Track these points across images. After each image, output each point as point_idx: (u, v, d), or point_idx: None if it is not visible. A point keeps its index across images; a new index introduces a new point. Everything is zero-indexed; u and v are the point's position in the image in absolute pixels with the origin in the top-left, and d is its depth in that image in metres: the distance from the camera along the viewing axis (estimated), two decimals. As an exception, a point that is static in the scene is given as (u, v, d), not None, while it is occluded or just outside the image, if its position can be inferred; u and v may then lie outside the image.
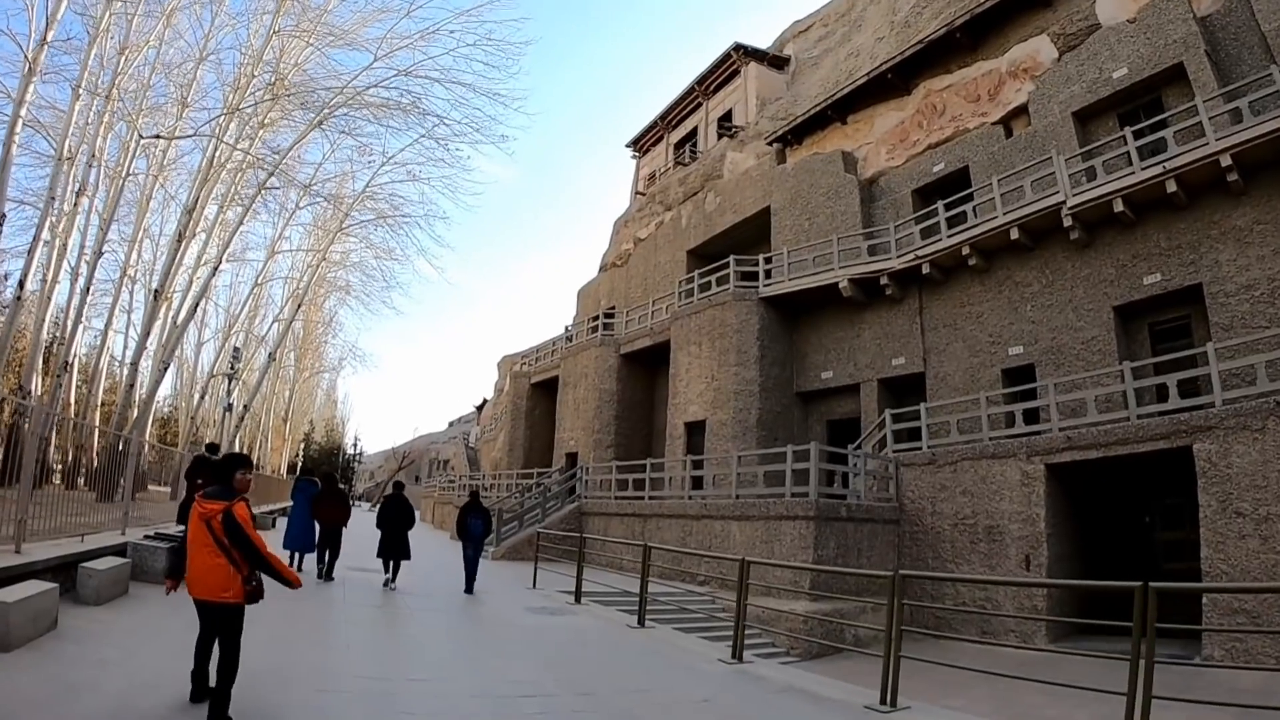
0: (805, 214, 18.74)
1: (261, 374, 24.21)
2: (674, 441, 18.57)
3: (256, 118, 16.95)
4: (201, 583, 3.92)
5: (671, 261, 23.59)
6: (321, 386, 57.15)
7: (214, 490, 4.08)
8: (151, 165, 18.92)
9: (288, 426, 43.76)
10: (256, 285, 26.00)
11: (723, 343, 17.41)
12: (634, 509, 16.59)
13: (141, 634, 6.11)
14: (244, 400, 24.52)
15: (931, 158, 17.15)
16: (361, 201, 20.85)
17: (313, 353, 40.64)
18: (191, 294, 18.84)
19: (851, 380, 16.99)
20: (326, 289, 30.45)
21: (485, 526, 12.14)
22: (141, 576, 7.99)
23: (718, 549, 14.02)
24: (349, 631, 7.53)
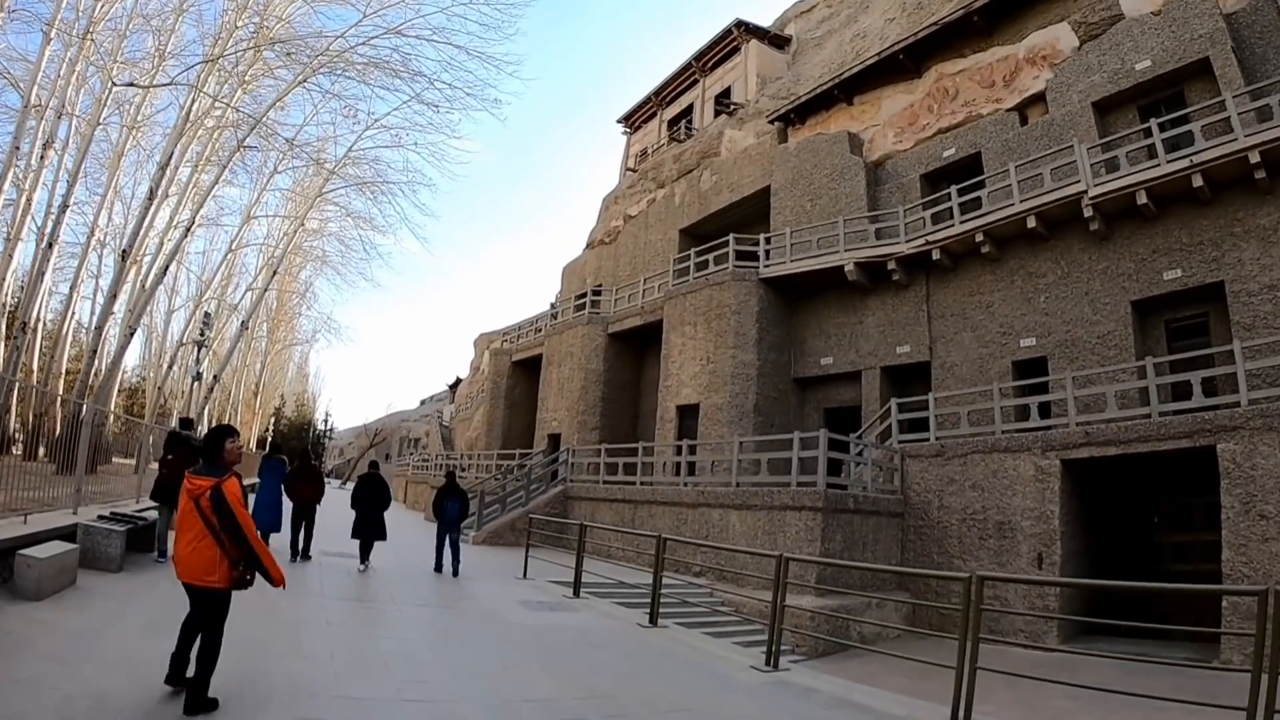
0: (808, 195, 17.89)
1: (233, 344, 22.36)
2: (665, 425, 17.62)
3: (238, 71, 15.30)
4: (186, 564, 3.68)
5: (663, 240, 22.54)
6: (294, 360, 55.47)
7: (203, 466, 3.77)
8: (125, 119, 17.06)
9: (258, 400, 42.09)
10: (231, 251, 24.08)
11: (720, 324, 16.49)
12: (624, 494, 15.62)
13: (88, 637, 4.92)
14: (214, 370, 22.74)
15: (942, 142, 16.45)
16: (344, 167, 19.30)
17: (286, 324, 38.70)
18: (162, 256, 17.05)
19: (853, 367, 16.27)
20: (303, 258, 28.65)
21: (462, 509, 11.65)
22: (93, 563, 6.84)
23: (715, 539, 13.18)
24: (329, 635, 6.34)
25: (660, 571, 8.34)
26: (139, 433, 12.43)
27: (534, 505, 17.11)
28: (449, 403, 57.54)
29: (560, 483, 17.82)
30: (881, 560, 13.20)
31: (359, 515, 10.59)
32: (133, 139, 17.94)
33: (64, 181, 16.80)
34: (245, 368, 36.99)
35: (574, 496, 17.33)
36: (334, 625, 6.76)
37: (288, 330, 39.85)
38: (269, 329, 37.03)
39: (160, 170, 14.86)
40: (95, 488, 9.70)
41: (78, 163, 15.72)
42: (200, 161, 17.29)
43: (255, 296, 21.96)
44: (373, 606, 7.94)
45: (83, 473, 7.75)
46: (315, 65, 16.01)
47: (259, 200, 22.41)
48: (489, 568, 12.66)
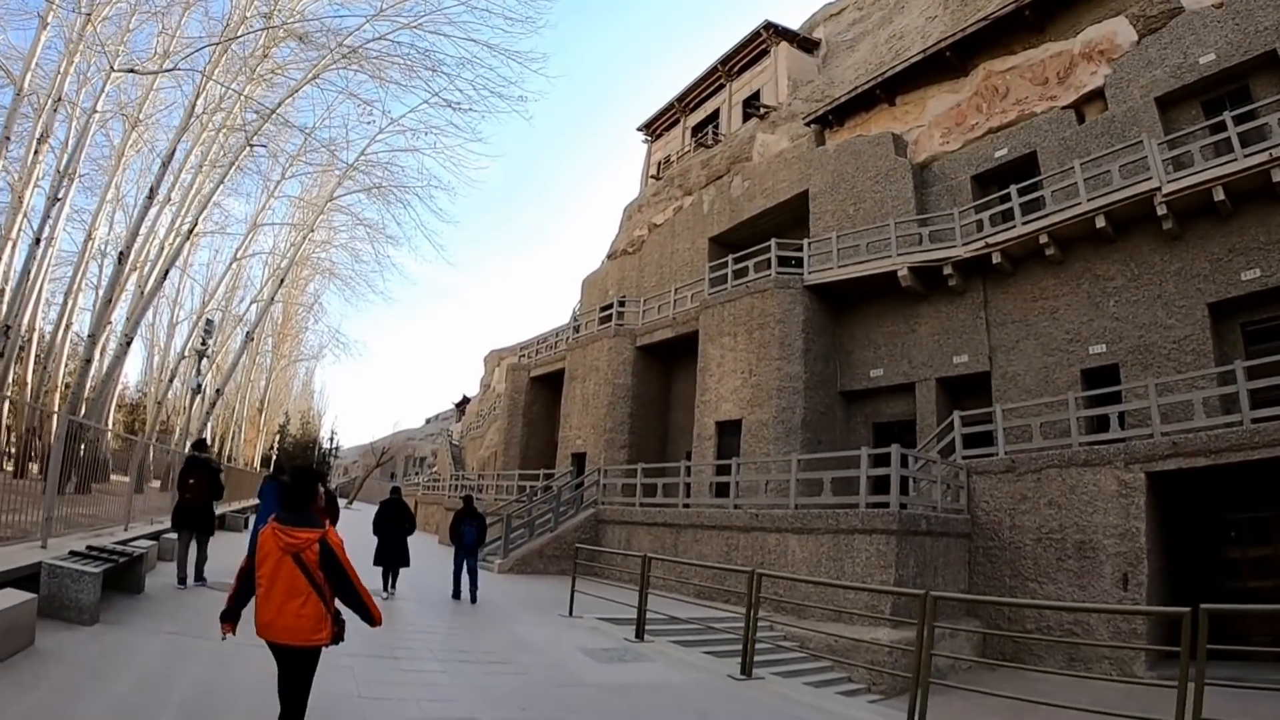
0: (850, 199, 17.25)
1: (237, 356, 21.39)
2: (703, 443, 16.80)
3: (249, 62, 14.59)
4: (290, 628, 3.26)
5: (692, 249, 21.85)
6: (299, 376, 54.57)
7: (292, 516, 3.38)
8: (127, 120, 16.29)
9: (263, 417, 41.19)
10: (235, 260, 23.23)
11: (763, 334, 15.74)
12: (665, 518, 14.75)
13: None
14: (216, 384, 21.79)
15: (993, 142, 15.87)
16: (356, 171, 18.54)
17: (292, 339, 37.73)
18: (163, 260, 16.19)
19: (905, 379, 15.53)
20: (311, 270, 27.84)
21: (480, 534, 11.45)
22: (59, 613, 5.53)
23: (771, 567, 12.32)
24: (363, 710, 4.95)
25: (755, 613, 7.41)
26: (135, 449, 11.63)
27: (563, 530, 16.27)
28: (456, 421, 57.39)
29: (590, 505, 16.94)
30: (950, 586, 12.38)
31: (381, 541, 10.38)
32: (134, 140, 17.16)
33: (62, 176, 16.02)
34: (250, 383, 36.05)
35: (606, 520, 16.45)
36: (364, 682, 5.49)
37: (294, 345, 39.01)
38: (274, 343, 36.09)
39: (163, 168, 14.05)
40: (84, 509, 8.93)
41: (74, 152, 14.82)
42: (205, 162, 16.46)
43: (261, 307, 21.08)
44: (408, 663, 6.51)
45: (54, 496, 6.63)
46: (329, 61, 15.27)
47: (266, 208, 21.70)
48: (526, 602, 11.72)
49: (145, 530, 9.98)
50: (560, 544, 16.13)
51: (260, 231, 23.17)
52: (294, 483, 3.49)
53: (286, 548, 3.23)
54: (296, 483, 3.48)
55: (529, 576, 15.27)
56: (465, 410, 56.90)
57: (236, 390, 35.09)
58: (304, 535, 3.26)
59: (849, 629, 10.75)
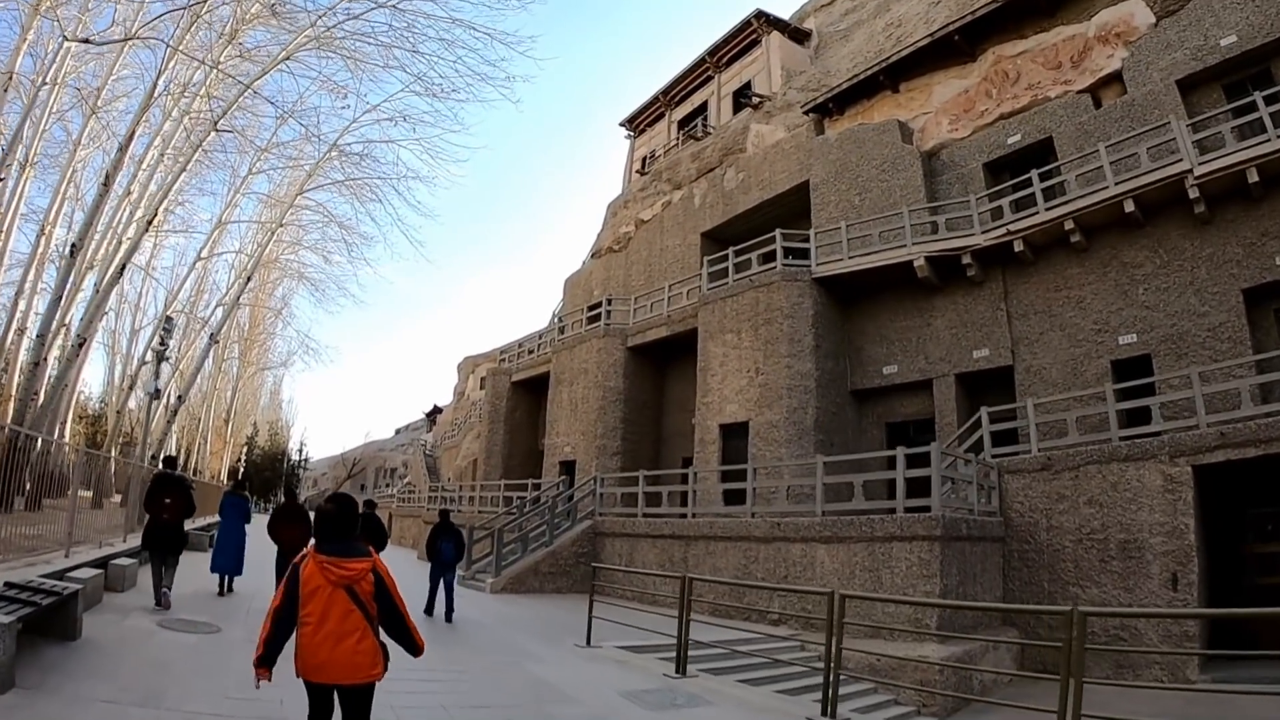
0: (854, 188, 16.57)
1: (200, 359, 19.56)
2: (706, 448, 15.79)
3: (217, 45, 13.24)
4: (349, 665, 2.99)
5: (683, 245, 20.94)
6: (267, 385, 52.63)
7: (338, 546, 3.09)
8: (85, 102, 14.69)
9: (229, 428, 39.40)
10: (200, 259, 21.49)
11: (769, 330, 14.86)
12: (672, 529, 13.67)
13: None
14: (179, 390, 19.98)
15: (1005, 128, 15.37)
16: (329, 161, 17.23)
17: (259, 346, 35.85)
18: (121, 253, 14.57)
19: (922, 376, 14.80)
20: (279, 273, 26.17)
21: (458, 550, 11.05)
22: None
23: (797, 579, 11.37)
24: None
25: (839, 645, 6.37)
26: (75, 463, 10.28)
27: (559, 545, 15.08)
28: (426, 431, 55.98)
29: (587, 517, 15.77)
30: (987, 594, 11.59)
31: None
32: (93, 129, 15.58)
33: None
34: (215, 393, 34.25)
35: (606, 533, 15.30)
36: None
37: (261, 352, 37.13)
38: (241, 350, 34.20)
39: (120, 152, 12.59)
40: (29, 529, 7.83)
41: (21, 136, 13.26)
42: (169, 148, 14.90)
43: (226, 309, 19.41)
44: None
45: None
46: (302, 41, 14.05)
47: (233, 204, 20.13)
48: (532, 627, 10.50)
49: (92, 555, 8.69)
50: (556, 560, 14.96)
51: (227, 232, 21.72)
52: (338, 512, 3.23)
53: (339, 580, 3.02)
54: (341, 511, 3.24)
55: (525, 596, 14.03)
56: (436, 420, 56.10)
57: (202, 400, 33.63)
58: (357, 566, 3.07)
59: (891, 646, 9.88)
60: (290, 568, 3.10)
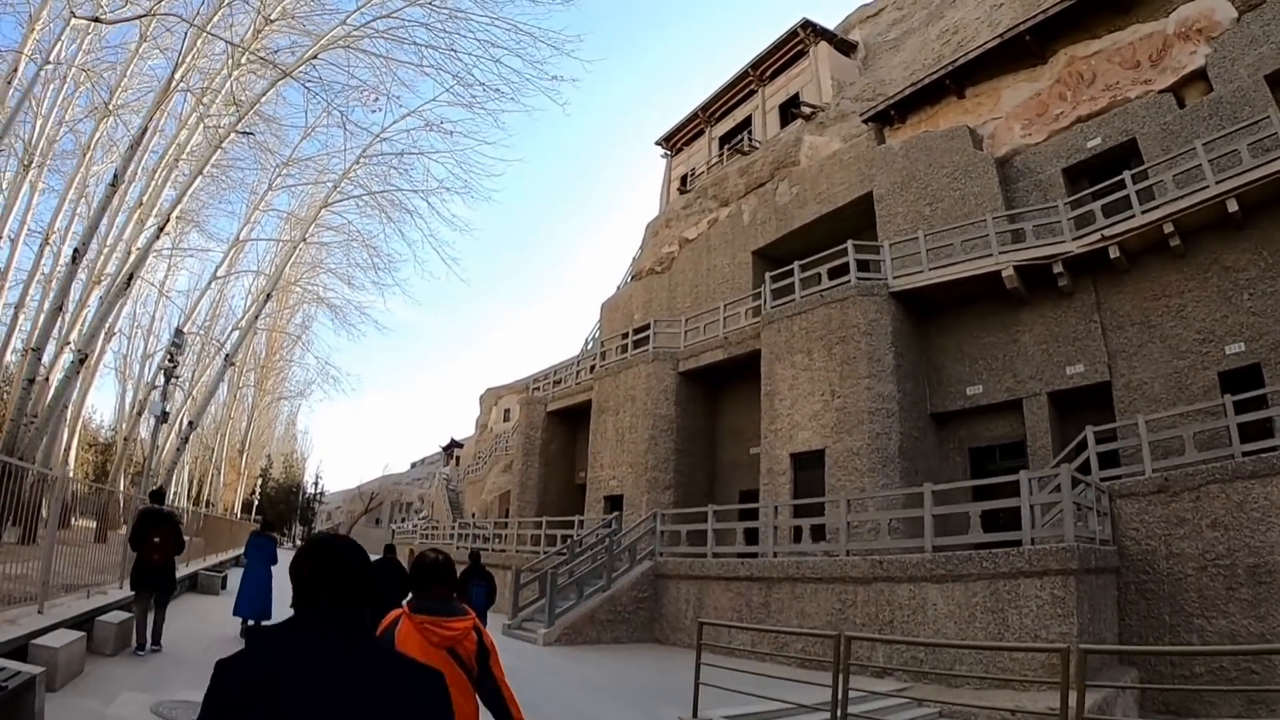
0: (924, 198, 16.24)
1: (214, 384, 19.03)
2: (775, 479, 15.21)
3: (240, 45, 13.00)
4: None
5: (732, 264, 20.59)
6: (281, 417, 52.62)
7: (433, 604, 2.84)
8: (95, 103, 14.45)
9: (244, 459, 38.96)
10: (216, 278, 21.15)
11: (846, 349, 14.39)
12: (749, 570, 12.94)
13: None
14: (189, 415, 19.43)
15: (1083, 132, 15.07)
16: (356, 170, 16.97)
17: (276, 374, 35.47)
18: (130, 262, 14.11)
19: (1010, 395, 14.27)
20: (298, 299, 25.87)
21: (489, 595, 10.81)
22: None
23: (903, 623, 10.72)
24: None
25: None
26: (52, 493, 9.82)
27: (618, 589, 14.36)
28: (443, 465, 55.99)
29: (648, 557, 15.12)
30: (1107, 631, 10.94)
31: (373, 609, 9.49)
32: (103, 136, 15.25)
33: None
34: (230, 421, 33.71)
35: (668, 575, 14.59)
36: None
37: (278, 381, 36.78)
38: (257, 378, 33.84)
39: (133, 149, 12.14)
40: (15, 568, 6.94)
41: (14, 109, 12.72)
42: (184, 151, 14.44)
43: (243, 330, 18.94)
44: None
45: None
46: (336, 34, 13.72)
47: (252, 220, 19.87)
48: (611, 691, 9.59)
49: (75, 608, 7.53)
50: (615, 606, 14.21)
51: (245, 252, 21.45)
52: (437, 564, 3.01)
53: (441, 642, 2.81)
54: (441, 565, 3.02)
55: (582, 648, 13.32)
56: (454, 454, 56.18)
57: (216, 430, 33.38)
58: (460, 626, 2.90)
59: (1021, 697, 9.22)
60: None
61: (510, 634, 13.95)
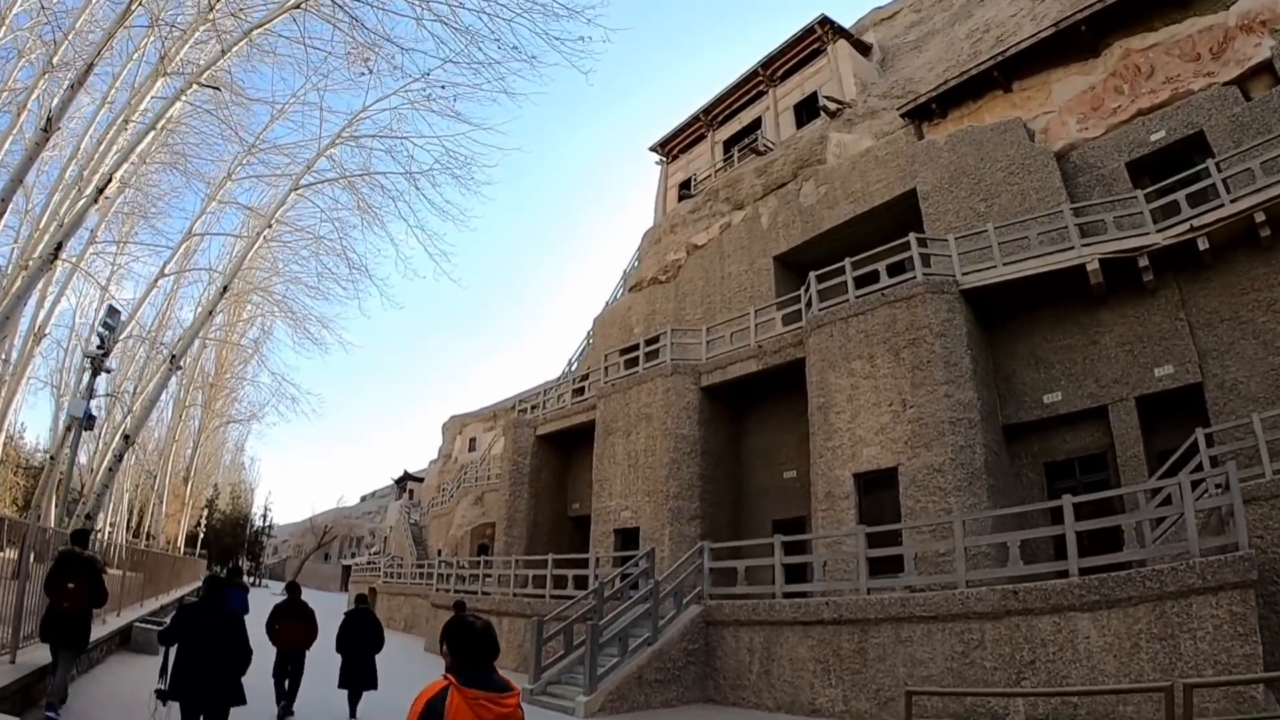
0: (976, 194, 15.66)
1: (157, 391, 16.16)
2: (835, 504, 13.87)
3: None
4: None
5: (749, 271, 19.52)
6: (230, 444, 50.47)
7: (484, 677, 2.76)
8: None
9: (189, 489, 36.59)
10: (164, 274, 18.38)
11: (916, 353, 13.36)
12: (835, 612, 11.39)
13: None
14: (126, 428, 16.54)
15: (1145, 125, 14.88)
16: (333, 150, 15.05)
17: (225, 395, 32.34)
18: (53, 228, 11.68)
19: (1093, 402, 13.52)
20: (253, 311, 23.26)
21: None
22: None
23: (1047, 663, 9.45)
24: None
25: None
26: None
27: (667, 641, 12.55)
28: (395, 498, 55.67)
29: (695, 600, 13.42)
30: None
31: (347, 660, 9.89)
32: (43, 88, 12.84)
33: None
34: (174, 444, 30.47)
35: (722, 621, 12.91)
36: None
37: (228, 402, 33.74)
38: (205, 399, 30.67)
39: (73, 89, 9.82)
40: None
41: None
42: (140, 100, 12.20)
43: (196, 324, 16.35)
44: None
45: None
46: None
47: (207, 212, 17.43)
48: None
49: None
50: (664, 662, 12.37)
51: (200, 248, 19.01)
52: (488, 636, 2.89)
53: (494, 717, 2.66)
54: (491, 635, 2.91)
55: (631, 715, 11.49)
56: (406, 487, 55.55)
57: (159, 456, 30.98)
58: (512, 702, 2.77)
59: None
60: (426, 710, 2.61)
61: (535, 702, 11.90)
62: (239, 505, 64.29)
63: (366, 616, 10.39)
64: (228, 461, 54.68)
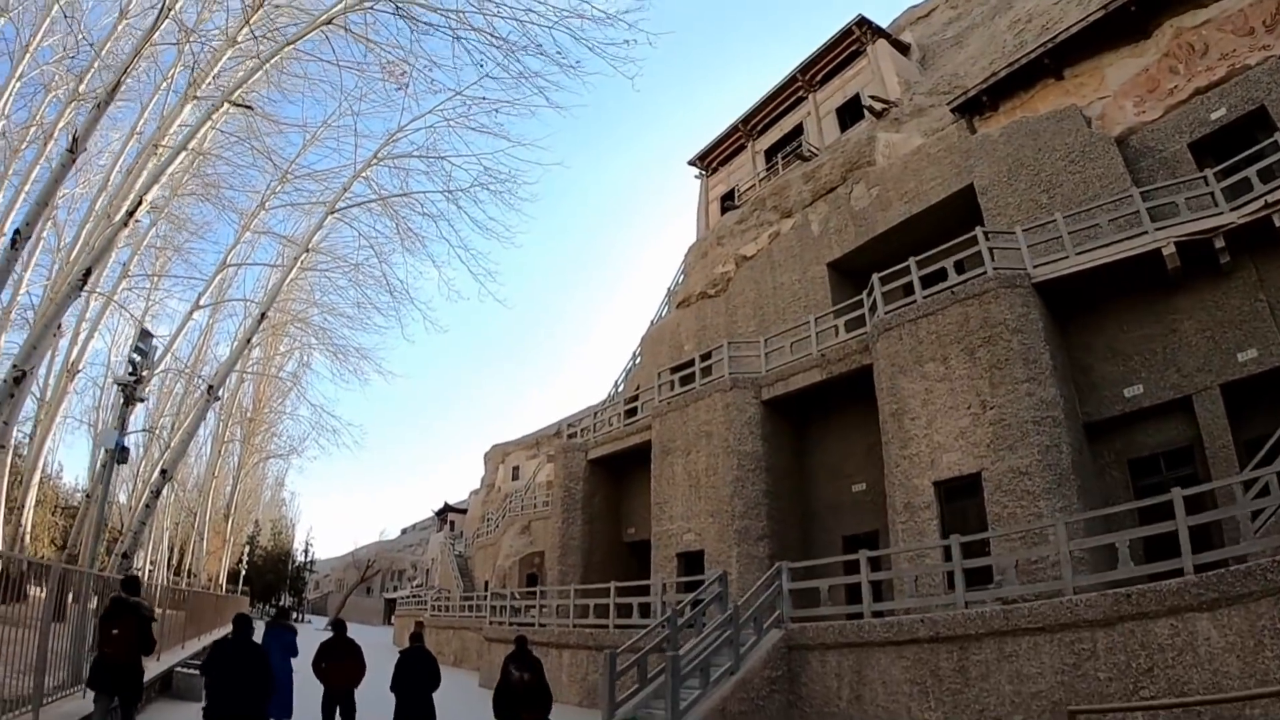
0: (1037, 185, 15.64)
1: (194, 424, 16.32)
2: (915, 514, 13.75)
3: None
4: None
5: (803, 280, 19.56)
6: (269, 479, 51.48)
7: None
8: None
9: (229, 525, 37.34)
10: (197, 307, 18.74)
11: (993, 351, 13.28)
12: (932, 630, 11.13)
13: None
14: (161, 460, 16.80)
15: (1204, 104, 14.82)
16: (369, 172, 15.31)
17: (265, 430, 32.82)
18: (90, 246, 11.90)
19: (1177, 393, 13.33)
20: (290, 345, 23.64)
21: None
22: None
23: (1166, 669, 9.16)
24: None
25: None
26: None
27: (749, 670, 12.29)
28: (436, 530, 56.39)
29: (775, 624, 13.25)
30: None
31: (402, 700, 9.50)
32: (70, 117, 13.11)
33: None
34: (214, 480, 30.87)
35: (806, 645, 12.72)
36: None
37: (267, 437, 34.17)
38: (244, 434, 31.17)
39: (99, 109, 9.90)
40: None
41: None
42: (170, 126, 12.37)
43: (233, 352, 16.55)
44: None
45: None
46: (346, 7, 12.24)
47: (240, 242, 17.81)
48: None
49: None
50: (747, 692, 12.09)
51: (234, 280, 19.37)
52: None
53: None
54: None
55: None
56: (447, 519, 56.34)
57: (199, 492, 31.40)
58: None
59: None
60: None
61: (609, 739, 11.74)
62: (280, 541, 65.23)
63: (422, 654, 10.26)
64: (268, 497, 55.63)
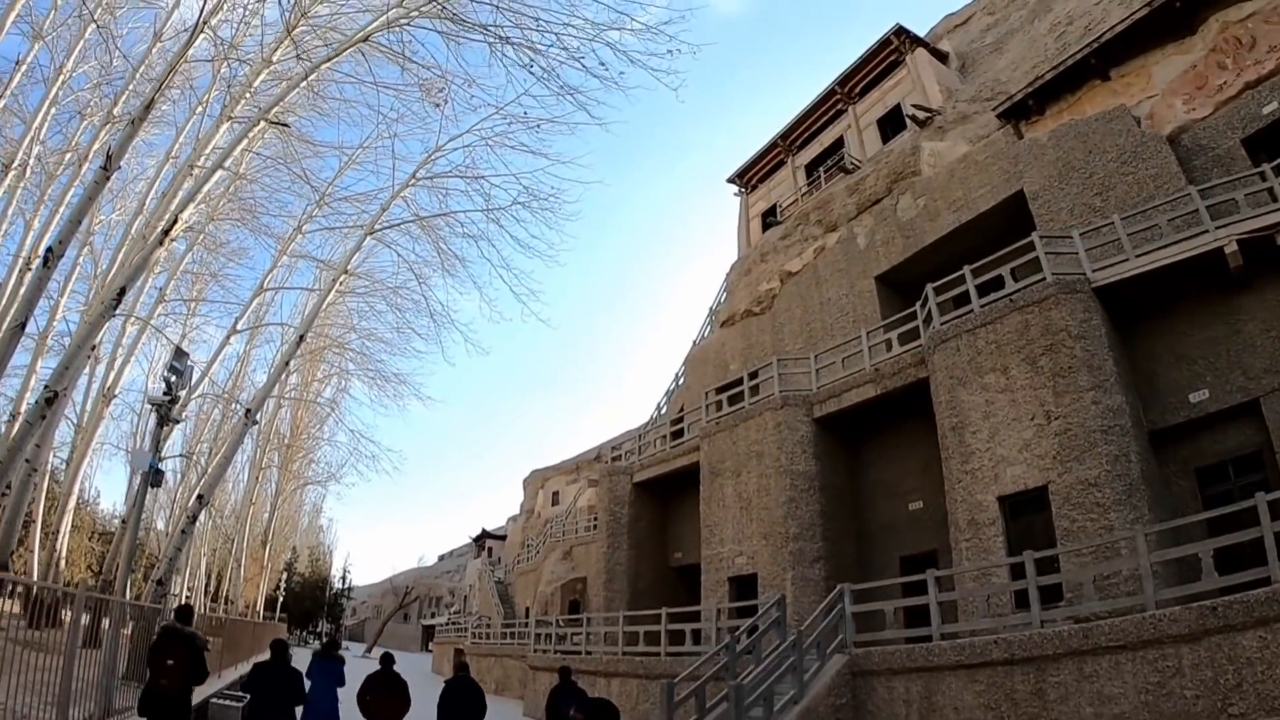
0: (1090, 189, 15.52)
1: (232, 448, 16.63)
2: (979, 531, 13.54)
3: None
4: None
5: (851, 294, 19.54)
6: (306, 506, 52.54)
7: None
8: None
9: (267, 552, 38.04)
10: (234, 330, 19.28)
11: (1056, 359, 13.12)
12: (1006, 651, 10.78)
13: None
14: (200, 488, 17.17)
15: (1255, 98, 14.65)
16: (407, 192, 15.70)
17: (302, 457, 33.59)
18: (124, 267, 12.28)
19: (1245, 396, 12.99)
20: (327, 371, 24.22)
21: None
22: None
23: (1255, 683, 8.81)
24: None
25: None
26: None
27: (814, 698, 12.05)
28: (474, 557, 57.65)
29: (838, 649, 13.06)
30: None
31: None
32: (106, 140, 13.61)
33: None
34: (251, 507, 31.55)
35: (872, 671, 12.51)
36: None
37: (305, 464, 34.87)
38: (281, 460, 31.82)
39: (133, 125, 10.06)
40: None
41: None
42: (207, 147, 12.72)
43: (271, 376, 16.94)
44: None
45: None
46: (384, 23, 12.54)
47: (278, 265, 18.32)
48: None
49: None
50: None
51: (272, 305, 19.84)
52: None
53: None
54: None
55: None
56: (485, 545, 57.34)
57: (236, 519, 32.16)
58: None
59: None
60: None
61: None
62: (318, 568, 66.07)
63: (467, 684, 10.40)
64: (305, 524, 56.60)
